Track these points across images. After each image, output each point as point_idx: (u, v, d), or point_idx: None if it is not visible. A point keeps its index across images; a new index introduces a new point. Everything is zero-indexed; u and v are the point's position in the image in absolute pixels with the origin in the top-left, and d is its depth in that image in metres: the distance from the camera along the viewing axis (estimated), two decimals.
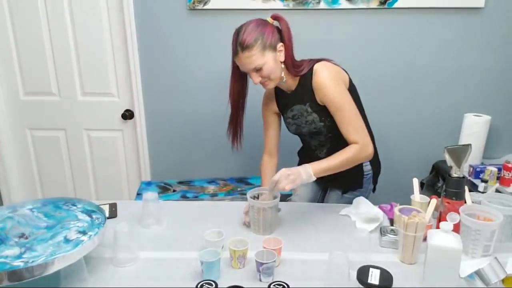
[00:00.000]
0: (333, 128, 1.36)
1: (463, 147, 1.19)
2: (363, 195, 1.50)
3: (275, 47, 1.28)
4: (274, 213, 1.30)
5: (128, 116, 2.23)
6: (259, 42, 1.24)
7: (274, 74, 1.30)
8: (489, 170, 1.83)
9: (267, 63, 1.27)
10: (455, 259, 0.95)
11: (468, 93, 2.10)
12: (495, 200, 1.22)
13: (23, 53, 2.17)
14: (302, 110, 1.39)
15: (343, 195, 1.52)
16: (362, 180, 1.50)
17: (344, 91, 1.31)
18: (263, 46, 1.25)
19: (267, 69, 1.28)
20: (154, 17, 2.06)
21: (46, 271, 0.91)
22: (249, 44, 1.24)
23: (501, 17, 1.97)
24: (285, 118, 1.48)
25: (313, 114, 1.37)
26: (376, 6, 1.97)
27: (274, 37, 1.27)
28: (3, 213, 1.16)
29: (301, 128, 1.44)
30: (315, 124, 1.38)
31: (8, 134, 2.33)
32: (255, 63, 1.26)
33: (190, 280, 1.05)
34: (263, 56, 1.26)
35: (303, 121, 1.41)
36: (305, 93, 1.35)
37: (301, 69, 1.34)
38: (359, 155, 1.27)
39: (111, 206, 1.49)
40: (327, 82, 1.29)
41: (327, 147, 1.47)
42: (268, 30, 1.27)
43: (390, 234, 1.22)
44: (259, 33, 1.25)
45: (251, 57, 1.25)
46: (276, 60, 1.29)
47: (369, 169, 1.51)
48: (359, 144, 1.27)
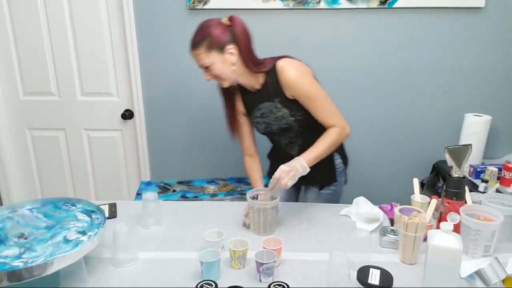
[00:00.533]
0: (303, 122, 1.39)
1: (463, 147, 1.19)
2: (338, 189, 1.55)
3: (222, 48, 1.30)
4: (274, 214, 1.30)
5: (127, 116, 2.23)
6: (205, 43, 1.28)
7: (224, 74, 1.33)
8: (489, 170, 1.83)
9: (214, 63, 1.30)
10: (455, 259, 0.95)
11: (468, 93, 2.10)
12: (496, 200, 1.22)
13: (23, 53, 2.17)
14: (271, 107, 1.39)
15: (320, 191, 1.54)
16: (335, 174, 1.52)
17: (313, 81, 1.36)
18: (208, 46, 1.28)
19: (215, 69, 1.31)
20: (154, 17, 2.06)
21: (46, 271, 0.91)
22: (196, 43, 1.30)
23: (501, 17, 1.97)
24: (253, 118, 1.48)
25: (283, 109, 1.38)
26: (376, 6, 1.96)
27: (222, 39, 1.29)
28: (2, 213, 1.15)
29: (271, 126, 1.44)
30: (286, 119, 1.39)
31: (8, 134, 2.33)
32: (201, 61, 1.31)
33: (190, 281, 1.05)
34: (209, 56, 1.29)
35: (272, 118, 1.41)
36: (272, 90, 1.36)
37: (263, 66, 1.36)
38: (340, 136, 1.34)
39: (111, 206, 1.49)
40: (295, 76, 1.31)
41: (298, 143, 1.48)
42: (218, 31, 1.29)
43: (390, 234, 1.22)
44: (206, 34, 1.28)
45: (198, 55, 1.31)
46: (224, 61, 1.31)
47: (340, 162, 1.54)
48: (337, 127, 1.33)
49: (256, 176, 1.52)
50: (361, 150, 2.23)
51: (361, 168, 2.26)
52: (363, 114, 2.17)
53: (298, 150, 1.47)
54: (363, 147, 2.22)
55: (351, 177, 2.25)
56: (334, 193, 1.56)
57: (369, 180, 2.27)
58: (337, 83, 2.12)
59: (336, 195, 1.57)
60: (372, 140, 2.21)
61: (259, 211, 1.26)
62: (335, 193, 1.56)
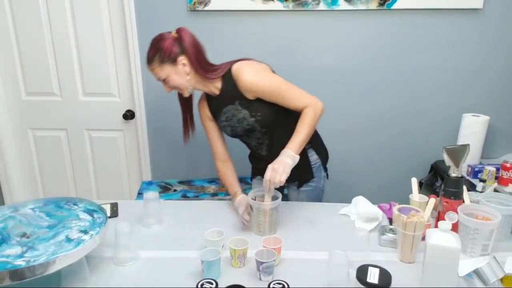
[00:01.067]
0: (264, 122, 1.40)
1: (461, 147, 1.20)
2: (317, 184, 1.55)
3: (175, 60, 1.34)
4: (277, 213, 1.30)
5: (129, 116, 2.24)
6: (157, 57, 1.33)
7: (181, 85, 1.38)
8: (487, 170, 1.83)
9: (169, 76, 1.35)
10: (453, 258, 0.95)
11: (466, 93, 2.11)
12: (493, 199, 1.23)
13: (25, 54, 2.18)
14: (233, 110, 1.41)
15: (299, 189, 1.55)
16: (312, 170, 1.52)
17: (270, 75, 1.38)
18: (160, 60, 1.33)
19: (171, 81, 1.37)
20: (154, 18, 2.07)
21: (48, 270, 0.92)
22: (149, 59, 1.35)
23: (499, 17, 1.98)
24: (220, 122, 1.49)
25: (243, 110, 1.39)
26: (375, 7, 1.97)
27: (173, 51, 1.33)
28: (5, 213, 1.16)
29: (236, 129, 1.45)
30: (247, 120, 1.40)
31: (10, 134, 2.34)
32: (157, 76, 1.37)
33: (190, 279, 1.06)
34: (163, 69, 1.35)
35: (235, 121, 1.43)
36: (232, 93, 1.38)
37: (218, 72, 1.39)
38: (315, 113, 1.34)
39: (112, 205, 1.50)
40: (252, 77, 1.33)
41: (265, 143, 1.49)
42: (166, 44, 1.33)
43: (389, 233, 1.23)
44: (157, 49, 1.33)
45: (153, 70, 1.37)
46: (178, 72, 1.36)
47: (316, 158, 1.54)
48: (309, 106, 1.34)
49: (231, 179, 1.51)
50: (360, 150, 2.24)
51: (360, 167, 2.27)
52: (362, 114, 2.18)
53: (266, 150, 1.49)
54: (362, 146, 2.23)
55: (350, 177, 2.27)
56: (315, 189, 1.56)
57: (368, 179, 2.28)
58: (337, 84, 2.13)
59: (317, 191, 1.57)
60: (371, 140, 2.22)
61: (264, 212, 1.26)
62: (316, 189, 1.56)
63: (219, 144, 1.54)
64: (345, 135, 2.20)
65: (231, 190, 1.48)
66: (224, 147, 1.55)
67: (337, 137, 2.19)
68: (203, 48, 1.39)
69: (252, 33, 2.07)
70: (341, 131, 2.19)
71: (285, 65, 2.11)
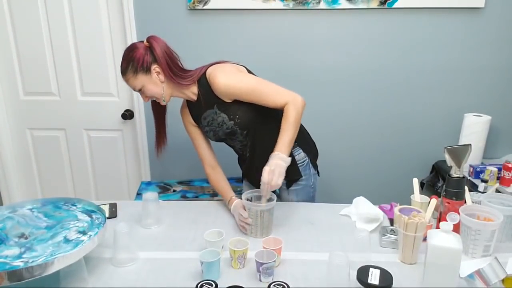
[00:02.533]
0: (244, 124, 1.39)
1: (463, 147, 1.19)
2: (308, 182, 1.53)
3: (149, 69, 1.33)
4: (271, 216, 1.29)
5: (128, 116, 2.23)
6: (130, 68, 1.32)
7: (157, 93, 1.37)
8: (489, 170, 1.83)
9: (144, 85, 1.34)
10: (455, 259, 0.95)
11: (468, 93, 2.10)
12: (495, 200, 1.22)
13: (23, 53, 2.17)
14: (212, 114, 1.41)
15: (289, 188, 1.53)
16: (299, 169, 1.50)
17: (244, 76, 1.37)
18: (134, 70, 1.32)
19: (147, 91, 1.35)
20: (154, 17, 2.06)
21: (46, 271, 0.91)
22: (123, 70, 1.34)
23: (501, 17, 1.98)
24: (203, 128, 1.49)
25: (222, 114, 1.38)
26: (376, 6, 1.97)
27: (146, 60, 1.32)
28: (3, 213, 1.16)
29: (217, 133, 1.44)
30: (226, 124, 1.40)
31: (8, 134, 2.33)
32: (132, 86, 1.36)
33: (190, 280, 1.05)
34: (137, 79, 1.33)
35: (216, 125, 1.42)
36: (208, 98, 1.38)
37: (192, 77, 1.38)
38: (296, 108, 1.30)
39: (111, 206, 1.49)
40: (225, 80, 1.32)
41: (248, 145, 1.48)
42: (138, 54, 1.32)
43: (390, 234, 1.22)
44: (129, 59, 1.32)
45: (127, 81, 1.35)
46: (153, 81, 1.35)
47: (303, 156, 1.51)
48: (289, 103, 1.31)
49: (223, 185, 1.50)
50: (361, 150, 2.23)
51: (360, 168, 2.27)
52: (363, 114, 2.17)
53: (250, 151, 1.48)
54: (362, 146, 2.22)
55: (351, 177, 2.27)
56: (305, 188, 1.53)
57: (369, 180, 2.27)
58: (337, 83, 2.13)
59: (307, 190, 1.54)
60: (372, 140, 2.21)
61: (256, 213, 1.25)
62: (306, 187, 1.53)
63: (205, 149, 1.53)
64: (346, 135, 2.20)
65: (226, 196, 1.46)
66: (211, 151, 1.54)
67: (338, 137, 2.19)
68: (175, 55, 1.38)
69: (252, 32, 2.07)
70: (341, 130, 2.19)
71: (285, 64, 2.11)
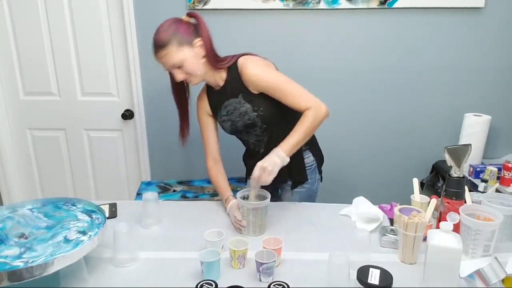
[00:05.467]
0: (266, 117, 1.39)
1: (463, 147, 1.19)
2: (313, 186, 1.54)
3: (191, 42, 1.30)
4: (265, 214, 1.29)
5: (128, 116, 2.23)
6: (174, 39, 1.27)
7: (196, 69, 1.33)
8: (489, 170, 1.83)
9: (186, 59, 1.29)
10: (455, 259, 0.95)
11: (468, 93, 2.10)
12: (495, 200, 1.22)
13: (23, 53, 2.17)
14: (235, 103, 1.40)
15: (293, 190, 1.54)
16: (306, 173, 1.51)
17: (274, 72, 1.37)
18: (178, 42, 1.28)
19: (188, 65, 1.30)
20: (154, 17, 2.04)
21: (46, 271, 0.91)
22: (165, 42, 1.27)
23: (501, 17, 1.98)
24: (219, 117, 1.48)
25: (246, 104, 1.38)
26: (376, 6, 1.97)
27: (190, 33, 1.30)
28: (3, 213, 1.16)
29: (236, 124, 1.44)
30: (249, 115, 1.39)
31: (8, 134, 2.33)
32: (172, 60, 1.29)
33: (190, 280, 1.05)
34: (180, 52, 1.28)
35: (237, 115, 1.41)
36: (236, 86, 1.37)
37: (225, 62, 1.37)
38: (316, 117, 1.30)
39: (111, 206, 1.49)
40: (256, 71, 1.32)
41: (264, 141, 1.47)
42: (183, 27, 1.30)
43: (390, 234, 1.22)
44: (174, 31, 1.28)
45: (168, 54, 1.28)
46: (195, 55, 1.32)
47: (312, 160, 1.52)
48: (311, 109, 1.30)
49: (223, 183, 1.49)
50: (361, 150, 2.23)
51: (360, 167, 2.27)
52: (363, 114, 2.17)
53: (264, 147, 1.47)
54: (363, 147, 2.22)
55: (351, 177, 2.27)
56: (309, 191, 1.54)
57: (369, 180, 2.27)
58: (337, 83, 2.13)
59: (311, 193, 1.56)
60: (372, 140, 2.21)
61: (249, 211, 1.25)
62: (310, 191, 1.54)
63: (213, 141, 1.52)
64: (346, 134, 2.20)
65: (223, 194, 1.46)
66: (217, 145, 1.53)
67: (338, 136, 2.19)
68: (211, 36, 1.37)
69: (252, 32, 2.07)
70: (341, 130, 2.19)
71: (285, 64, 2.09)
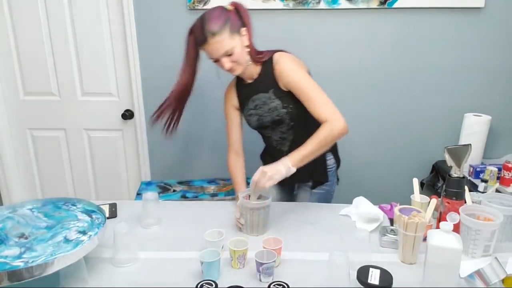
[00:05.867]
0: (295, 115, 1.39)
1: (463, 147, 1.19)
2: (330, 188, 1.55)
3: (239, 31, 1.32)
4: (266, 214, 1.29)
5: (128, 116, 2.23)
6: (227, 27, 1.28)
7: (243, 58, 1.34)
8: (489, 170, 1.83)
9: (236, 46, 1.31)
10: (455, 259, 0.95)
11: (468, 93, 2.10)
12: (495, 200, 1.22)
13: (23, 53, 2.17)
14: (265, 98, 1.40)
15: (312, 190, 1.54)
16: (327, 174, 1.52)
17: (305, 74, 1.36)
18: (230, 30, 1.29)
19: (237, 53, 1.31)
20: (154, 17, 2.06)
21: (46, 271, 0.91)
22: (219, 29, 1.27)
23: (501, 17, 1.97)
24: (246, 111, 1.48)
25: (276, 100, 1.38)
26: (376, 6, 1.97)
27: (238, 22, 1.32)
28: (3, 213, 1.16)
29: (263, 119, 1.44)
30: (278, 111, 1.39)
31: (8, 134, 2.33)
32: (225, 47, 1.29)
33: (190, 280, 1.05)
34: (232, 40, 1.29)
35: (265, 110, 1.42)
36: (267, 81, 1.38)
37: (262, 56, 1.39)
38: (332, 132, 1.26)
39: (111, 206, 1.49)
40: (288, 66, 1.34)
41: (289, 139, 1.47)
42: (232, 15, 1.31)
43: (390, 234, 1.22)
44: (226, 18, 1.28)
45: (221, 41, 1.28)
46: (242, 44, 1.33)
47: (333, 162, 1.54)
48: (329, 121, 1.27)
49: (239, 178, 1.50)
50: (361, 150, 2.23)
51: (361, 168, 2.26)
52: (363, 114, 2.17)
53: (289, 146, 1.47)
54: (362, 147, 2.22)
55: (351, 177, 2.26)
56: (327, 193, 1.56)
57: (369, 180, 2.27)
58: (337, 83, 2.12)
59: (328, 195, 1.57)
60: (372, 140, 2.21)
61: (248, 211, 1.25)
62: (328, 193, 1.56)
63: (237, 135, 1.53)
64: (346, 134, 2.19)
65: (236, 189, 1.48)
66: (240, 139, 1.55)
67: None
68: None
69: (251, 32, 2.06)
70: None
71: None
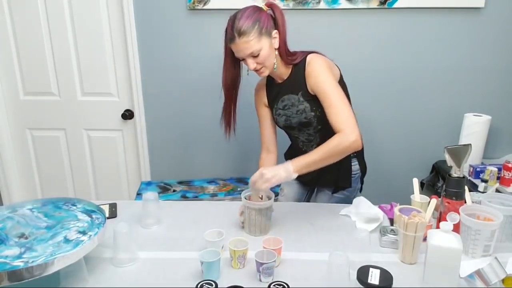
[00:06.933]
0: (323, 119, 1.36)
1: (463, 147, 1.19)
2: (352, 194, 1.53)
3: (270, 33, 1.30)
4: (269, 214, 1.29)
5: (128, 116, 2.23)
6: (256, 28, 1.26)
7: (269, 61, 1.33)
8: (489, 170, 1.83)
9: (263, 48, 1.29)
10: (455, 259, 0.95)
11: (468, 93, 2.10)
12: (495, 200, 1.22)
13: (23, 53, 2.17)
14: (293, 100, 1.39)
15: (333, 194, 1.53)
16: (351, 180, 1.50)
17: (333, 81, 1.31)
18: (259, 31, 1.27)
19: (263, 55, 1.30)
20: (154, 17, 2.06)
21: (46, 271, 0.91)
22: (247, 29, 1.26)
23: (501, 17, 1.97)
24: (275, 110, 1.48)
25: (305, 103, 1.38)
26: (376, 6, 1.96)
27: (269, 24, 1.30)
28: (3, 213, 1.16)
29: (291, 119, 1.43)
30: (306, 113, 1.38)
31: (8, 134, 2.33)
32: (252, 49, 1.27)
33: (190, 280, 1.05)
34: (260, 41, 1.28)
35: (294, 111, 1.41)
36: (297, 83, 1.37)
37: (295, 58, 1.37)
38: (340, 144, 1.21)
39: (111, 206, 1.49)
40: (318, 69, 1.31)
41: (315, 141, 1.46)
42: (264, 16, 1.29)
43: (390, 234, 1.22)
44: (256, 19, 1.27)
45: (248, 42, 1.26)
46: (271, 47, 1.32)
47: (357, 168, 1.52)
48: (341, 132, 1.22)
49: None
50: None
51: None
52: (363, 114, 2.16)
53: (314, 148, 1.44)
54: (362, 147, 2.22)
55: None
56: (347, 199, 1.52)
57: (369, 180, 2.27)
58: None
59: (348, 201, 1.52)
60: (372, 140, 2.21)
61: (253, 211, 1.25)
62: (348, 198, 1.52)
63: (269, 132, 1.52)
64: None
65: None
66: (274, 136, 1.54)
67: None
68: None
69: None
70: None
71: None
